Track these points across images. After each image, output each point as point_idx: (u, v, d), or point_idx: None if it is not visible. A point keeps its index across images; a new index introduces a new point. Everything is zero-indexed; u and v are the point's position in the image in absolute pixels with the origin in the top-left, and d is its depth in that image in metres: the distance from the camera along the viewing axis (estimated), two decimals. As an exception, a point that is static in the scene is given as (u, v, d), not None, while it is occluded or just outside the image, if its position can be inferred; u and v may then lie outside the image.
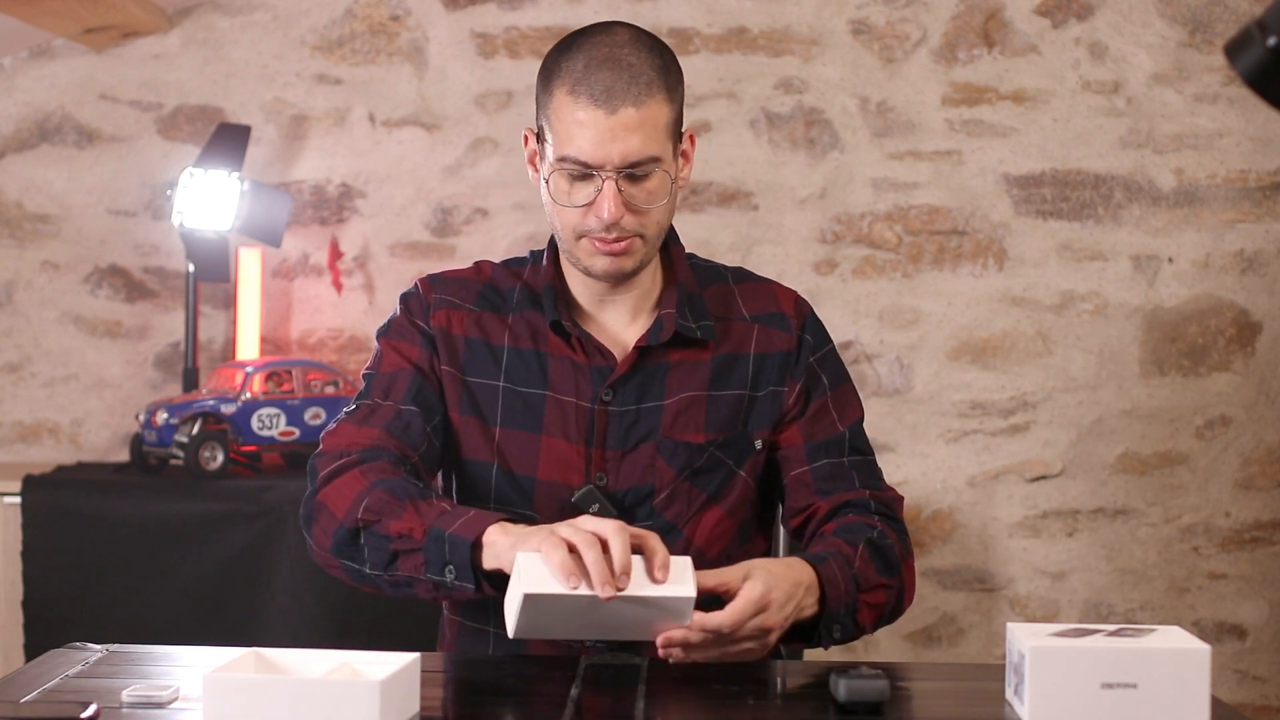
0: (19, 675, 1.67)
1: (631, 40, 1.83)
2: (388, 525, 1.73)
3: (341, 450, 1.85)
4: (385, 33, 3.42)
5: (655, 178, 1.82)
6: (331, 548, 1.79)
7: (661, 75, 1.82)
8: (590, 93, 1.78)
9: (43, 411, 3.45)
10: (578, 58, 1.82)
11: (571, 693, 1.64)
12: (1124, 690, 1.47)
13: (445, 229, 3.43)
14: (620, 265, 1.85)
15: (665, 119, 1.82)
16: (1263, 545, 3.42)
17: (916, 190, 3.41)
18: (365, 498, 1.76)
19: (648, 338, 1.90)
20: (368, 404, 1.91)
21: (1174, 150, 3.41)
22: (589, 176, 1.80)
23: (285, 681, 1.43)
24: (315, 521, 1.82)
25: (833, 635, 1.81)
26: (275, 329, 3.43)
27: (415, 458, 1.87)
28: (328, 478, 1.82)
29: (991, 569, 3.43)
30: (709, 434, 1.91)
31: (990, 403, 3.43)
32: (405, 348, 1.94)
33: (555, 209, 1.84)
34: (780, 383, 1.95)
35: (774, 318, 1.97)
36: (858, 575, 1.82)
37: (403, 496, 1.75)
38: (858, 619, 1.82)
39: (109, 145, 3.43)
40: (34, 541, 2.99)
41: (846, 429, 1.97)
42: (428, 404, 1.90)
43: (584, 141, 1.78)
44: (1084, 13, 3.40)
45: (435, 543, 1.69)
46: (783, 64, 3.41)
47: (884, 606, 1.86)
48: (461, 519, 1.70)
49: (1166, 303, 3.42)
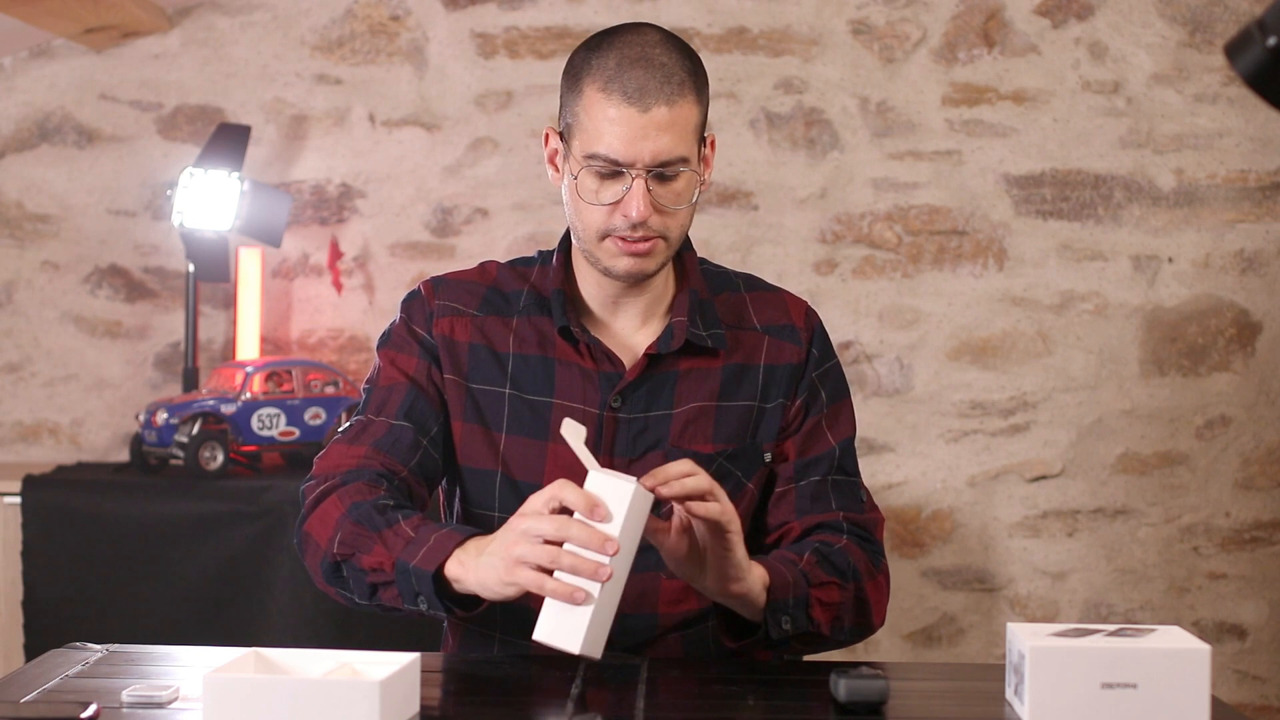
0: (19, 675, 1.67)
1: (663, 41, 1.82)
2: (360, 559, 1.75)
3: (327, 474, 1.86)
4: (385, 33, 3.43)
5: (682, 179, 1.82)
6: (322, 578, 1.81)
7: (692, 76, 1.81)
8: (623, 90, 1.77)
9: (43, 411, 3.45)
10: (609, 56, 1.80)
11: (571, 692, 1.64)
12: (1124, 690, 1.47)
13: (445, 229, 3.43)
14: (643, 266, 1.84)
15: (694, 120, 1.82)
16: (1263, 545, 3.42)
17: (916, 190, 3.41)
18: (340, 529, 1.77)
19: (658, 345, 1.89)
20: (361, 421, 1.91)
21: (1174, 150, 3.41)
22: (617, 175, 1.80)
23: (285, 681, 1.43)
24: (305, 551, 1.84)
25: (782, 625, 1.75)
26: (275, 329, 3.43)
27: (404, 472, 1.87)
28: (311, 505, 1.84)
29: (991, 569, 3.43)
30: (717, 445, 1.90)
31: (990, 403, 3.43)
32: (402, 360, 1.93)
33: (580, 207, 1.83)
34: (786, 395, 1.94)
35: (784, 329, 1.96)
36: (805, 572, 1.78)
37: (372, 528, 1.75)
38: (811, 614, 1.77)
39: (109, 145, 3.43)
40: (34, 541, 2.99)
41: (836, 446, 1.95)
42: (422, 418, 1.90)
43: (614, 139, 1.78)
44: (1084, 13, 3.40)
45: (403, 575, 1.70)
46: (783, 64, 3.41)
47: (839, 606, 1.81)
48: (424, 549, 1.69)
49: (1166, 303, 3.42)
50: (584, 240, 1.86)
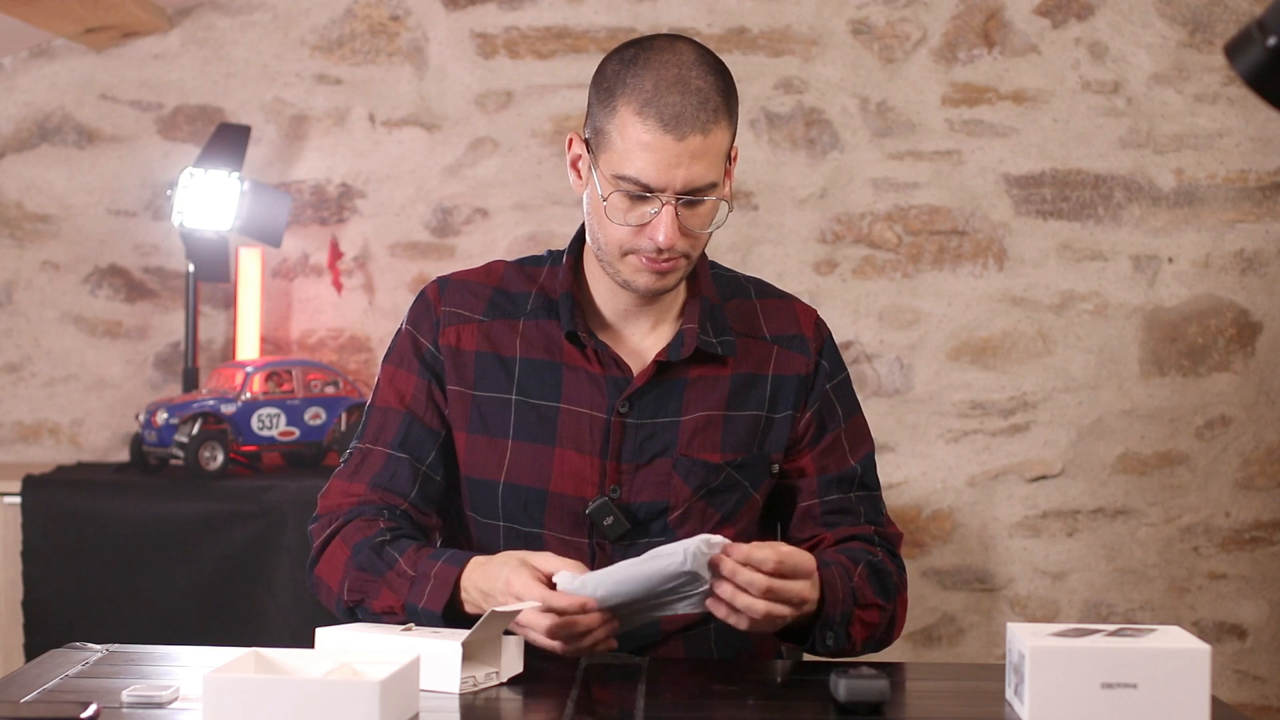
0: (19, 675, 1.67)
1: (698, 61, 1.79)
2: (371, 604, 1.81)
3: (331, 513, 1.90)
4: (385, 33, 3.42)
5: (710, 203, 1.81)
6: (342, 617, 1.85)
7: (725, 99, 1.80)
8: (660, 116, 1.75)
9: (43, 411, 3.45)
10: (645, 76, 1.78)
11: (571, 692, 1.64)
12: (1124, 690, 1.47)
13: (445, 229, 3.43)
14: (664, 284, 1.84)
15: (726, 145, 1.81)
16: (1263, 545, 3.42)
17: (916, 190, 3.41)
18: (347, 576, 1.83)
19: (668, 352, 1.89)
20: (360, 451, 1.93)
21: (1174, 150, 3.41)
22: (646, 198, 1.79)
23: (285, 681, 1.43)
24: (319, 592, 1.89)
25: (826, 642, 1.80)
26: (275, 329, 3.43)
27: (405, 504, 1.90)
28: (319, 550, 1.88)
29: (991, 569, 3.43)
30: (725, 454, 1.90)
31: (990, 403, 3.43)
32: (401, 380, 1.93)
33: (604, 222, 1.82)
34: (794, 406, 1.94)
35: (793, 340, 1.96)
36: (855, 590, 1.81)
37: (375, 573, 1.81)
38: (851, 631, 1.81)
39: (109, 145, 3.43)
40: (34, 541, 2.99)
41: (858, 463, 1.96)
42: (417, 445, 1.91)
43: (647, 164, 1.76)
44: (1084, 13, 3.40)
45: (414, 615, 1.76)
46: (783, 64, 3.41)
47: (876, 627, 1.85)
48: (427, 588, 1.76)
49: (1166, 303, 3.42)
50: (605, 253, 1.84)
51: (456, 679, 1.60)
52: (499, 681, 1.65)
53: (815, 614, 1.77)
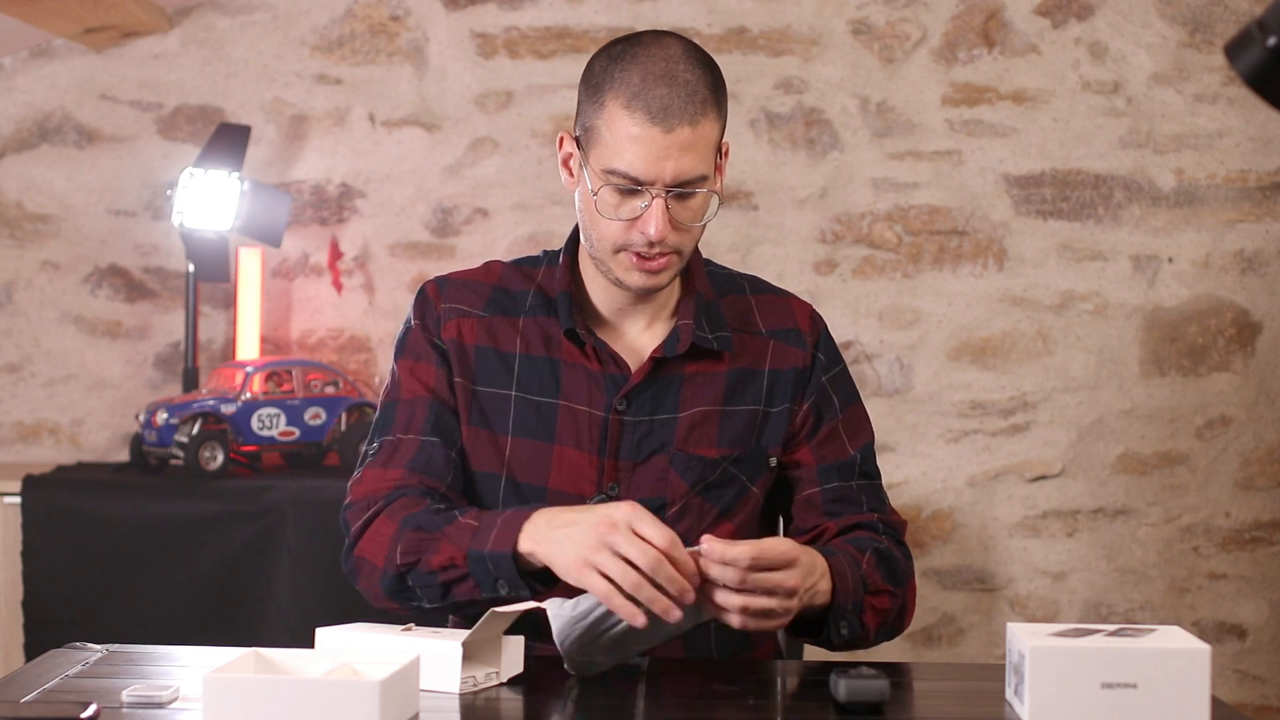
0: (19, 675, 1.67)
1: (685, 55, 1.80)
2: (429, 561, 1.76)
3: (368, 499, 1.87)
4: (385, 33, 3.43)
5: (700, 196, 1.82)
6: (384, 595, 1.82)
7: (713, 92, 1.80)
8: (647, 108, 1.76)
9: (43, 411, 3.45)
10: (632, 70, 1.78)
11: (571, 693, 1.64)
12: (1124, 690, 1.47)
13: (445, 229, 3.43)
14: (656, 282, 1.85)
15: (715, 137, 1.81)
16: (1263, 545, 3.42)
17: (916, 190, 3.41)
18: (399, 541, 1.78)
19: (664, 349, 1.89)
20: (390, 441, 1.90)
21: (1174, 150, 3.41)
22: (636, 191, 1.79)
23: (285, 681, 1.43)
24: (359, 575, 1.85)
25: (840, 632, 1.80)
26: (275, 329, 3.43)
27: (442, 488, 1.88)
28: (360, 531, 1.85)
29: (991, 569, 3.43)
30: (722, 449, 1.91)
31: (990, 403, 3.43)
32: (422, 370, 1.92)
33: (595, 219, 1.82)
34: (792, 400, 1.94)
35: (790, 334, 1.96)
36: (865, 577, 1.81)
37: (433, 529, 1.77)
38: (864, 620, 1.81)
39: (109, 145, 3.43)
40: (34, 541, 2.99)
41: (857, 452, 1.96)
42: (448, 430, 1.90)
43: (636, 157, 1.77)
44: (1084, 13, 3.40)
45: (478, 564, 1.72)
46: (783, 64, 3.41)
47: (888, 613, 1.85)
48: (493, 533, 1.72)
49: (1166, 303, 3.42)
50: (598, 251, 1.85)
51: (456, 679, 1.60)
52: (499, 681, 1.65)
53: (827, 606, 1.77)
